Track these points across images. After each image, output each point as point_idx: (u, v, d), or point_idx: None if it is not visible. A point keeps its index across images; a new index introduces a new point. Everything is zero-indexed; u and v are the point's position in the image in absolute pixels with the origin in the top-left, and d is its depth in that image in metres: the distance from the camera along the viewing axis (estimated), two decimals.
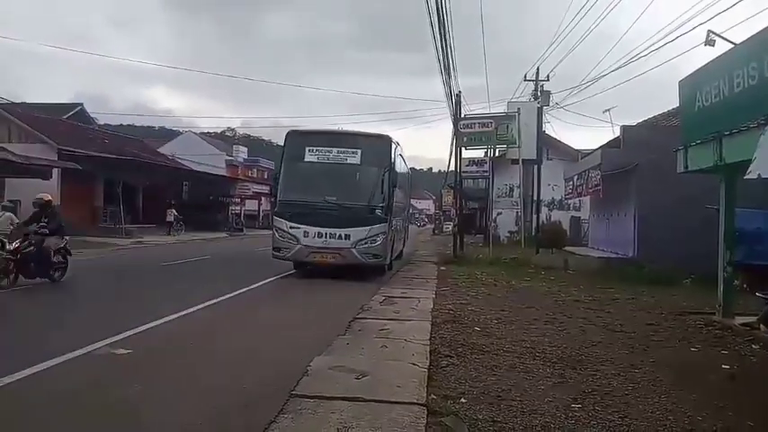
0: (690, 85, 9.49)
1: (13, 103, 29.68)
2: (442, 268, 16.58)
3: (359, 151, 13.30)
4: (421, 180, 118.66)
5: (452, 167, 23.44)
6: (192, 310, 8.58)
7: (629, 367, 6.16)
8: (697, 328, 8.58)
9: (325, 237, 12.74)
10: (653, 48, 18.75)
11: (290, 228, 12.97)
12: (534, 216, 22.88)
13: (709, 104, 8.76)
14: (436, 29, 15.17)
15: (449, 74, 18.60)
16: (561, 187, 25.87)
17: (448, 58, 17.63)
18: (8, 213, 14.77)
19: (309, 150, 13.32)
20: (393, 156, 13.67)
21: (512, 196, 24.74)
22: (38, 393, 4.69)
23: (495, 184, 29.96)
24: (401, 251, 18.90)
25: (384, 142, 13.72)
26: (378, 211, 12.95)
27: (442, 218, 51.33)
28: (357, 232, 12.74)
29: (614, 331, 8.11)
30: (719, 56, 8.80)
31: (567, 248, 21.69)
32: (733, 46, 8.82)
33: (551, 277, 14.94)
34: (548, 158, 29.93)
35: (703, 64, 9.11)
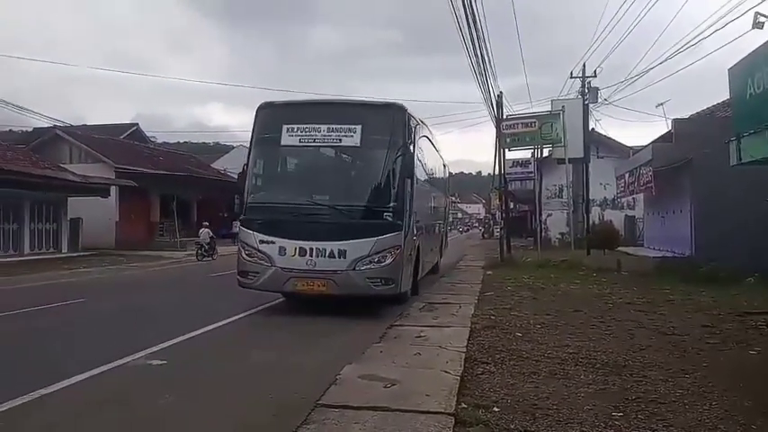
0: (740, 72, 8.97)
1: (72, 125, 31.20)
2: (488, 273, 16.26)
3: (358, 128, 8.97)
4: (470, 184, 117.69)
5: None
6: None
7: (679, 372, 5.81)
8: (758, 330, 8.05)
9: (311, 255, 8.58)
10: (702, 36, 17.93)
11: (261, 243, 8.80)
12: (586, 216, 22.17)
13: (761, 91, 8.26)
14: (465, 32, 14.50)
15: (485, 78, 18.19)
16: (613, 186, 25.08)
17: (483, 63, 17.19)
18: (206, 230, 24.22)
19: (288, 130, 9.08)
20: (411, 133, 9.43)
21: (561, 197, 24.05)
22: None
23: (544, 184, 29.26)
24: (436, 264, 15.22)
25: (395, 114, 9.27)
26: (387, 215, 8.70)
27: (491, 221, 50.55)
28: (357, 247, 8.56)
29: (665, 334, 7.70)
30: None
31: (620, 249, 20.94)
32: None
33: (603, 279, 14.40)
34: (598, 157, 29.13)
35: (754, 49, 8.61)
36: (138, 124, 42.67)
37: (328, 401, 4.47)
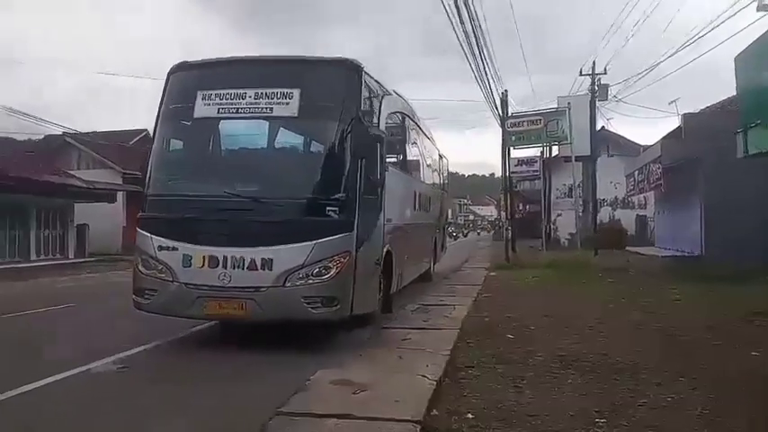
0: (747, 61, 8.62)
1: (80, 132, 31.40)
2: (492, 274, 15.92)
3: (296, 93, 6.65)
4: (483, 186, 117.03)
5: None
6: None
7: (674, 376, 5.48)
8: (764, 331, 7.66)
9: (225, 265, 6.29)
10: (712, 25, 17.38)
11: (159, 250, 6.53)
12: (594, 216, 21.75)
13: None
14: (461, 34, 14.06)
15: (486, 79, 17.79)
16: (624, 185, 24.61)
17: (484, 64, 16.80)
18: None
19: (204, 97, 6.84)
20: (373, 103, 7.24)
21: (571, 196, 23.61)
22: None
23: (554, 184, 28.88)
24: (426, 272, 12.80)
25: (348, 75, 6.87)
26: (332, 211, 6.37)
27: (500, 222, 50.09)
28: (288, 254, 6.26)
29: (666, 335, 7.36)
30: None
31: (629, 248, 20.52)
32: None
33: (609, 279, 14.00)
34: (608, 155, 28.65)
35: (760, 35, 8.25)
36: (147, 130, 42.75)
37: (291, 408, 4.22)
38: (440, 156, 14.55)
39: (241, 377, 5.45)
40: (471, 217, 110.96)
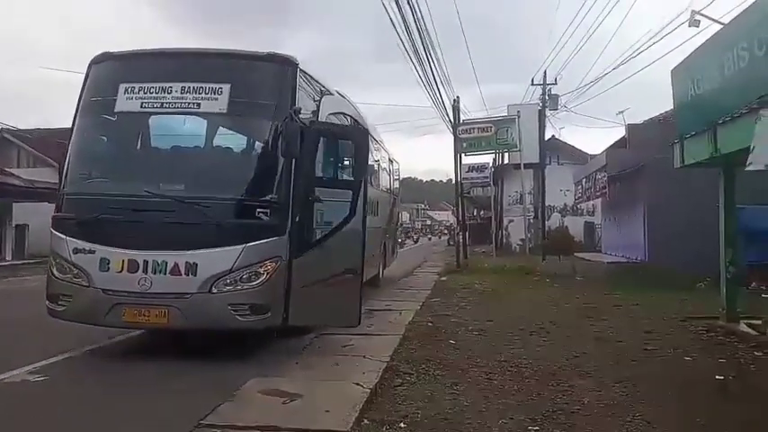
0: (682, 73, 8.84)
1: (21, 129, 30.00)
2: (443, 278, 15.96)
3: (226, 88, 6.26)
4: (440, 192, 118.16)
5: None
6: None
7: (610, 381, 5.54)
8: (698, 335, 7.88)
9: (145, 270, 5.86)
10: (652, 41, 18.06)
11: (75, 252, 6.04)
12: (543, 222, 22.14)
13: (701, 92, 8.12)
14: (405, 39, 13.95)
15: (434, 86, 17.83)
16: (573, 192, 25.16)
17: (432, 70, 16.81)
18: None
19: (127, 90, 6.37)
20: (304, 97, 6.60)
21: (522, 203, 24.04)
22: None
23: (506, 191, 29.31)
24: (375, 277, 12.53)
25: (282, 71, 6.51)
26: (263, 212, 6.05)
27: (455, 228, 50.60)
28: (214, 258, 5.89)
29: (605, 341, 7.45)
30: (709, 38, 8.19)
31: (577, 255, 20.88)
32: (722, 26, 8.19)
33: (555, 285, 14.22)
34: (558, 163, 29.26)
35: (694, 49, 8.50)
36: None
37: (214, 420, 4.03)
38: (390, 160, 14.41)
39: (167, 387, 5.15)
40: (429, 222, 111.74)
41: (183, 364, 5.85)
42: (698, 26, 8.81)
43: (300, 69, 6.57)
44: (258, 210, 6.05)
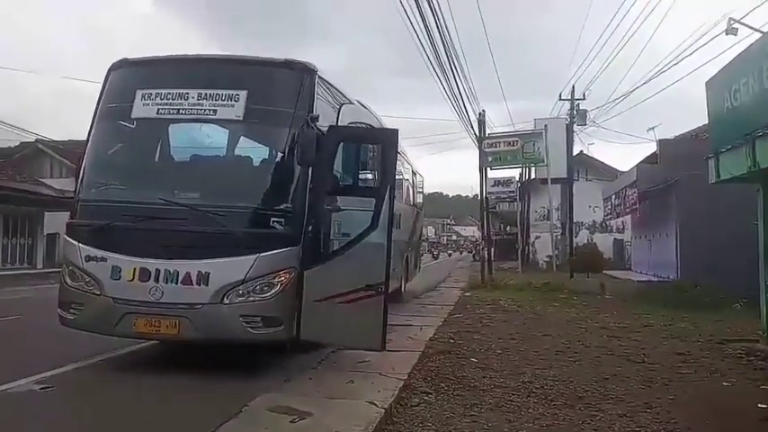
0: (717, 85, 8.50)
1: (53, 140, 30.69)
2: (467, 294, 15.63)
3: (242, 95, 6.14)
4: (467, 206, 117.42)
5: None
6: None
7: (641, 406, 5.21)
8: (736, 359, 7.44)
9: (157, 279, 5.73)
10: (685, 53, 17.51)
11: (87, 260, 5.94)
12: (570, 239, 21.65)
13: (738, 104, 7.77)
14: (430, 50, 13.73)
15: (460, 101, 17.60)
16: (602, 209, 24.63)
17: (457, 84, 16.59)
18: None
19: (144, 97, 6.29)
20: (322, 105, 6.35)
21: (549, 219, 23.59)
22: None
23: (532, 206, 28.84)
24: (397, 290, 12.00)
25: (300, 78, 6.33)
26: (276, 222, 5.91)
27: (481, 243, 50.03)
28: (226, 268, 5.74)
29: (635, 362, 7.09)
30: (746, 48, 7.85)
31: (606, 272, 20.35)
32: (761, 35, 7.83)
33: (583, 303, 13.78)
34: (587, 179, 28.75)
35: (731, 59, 8.16)
36: None
37: None
38: (413, 172, 14.24)
39: (173, 402, 5.00)
40: (454, 237, 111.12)
41: (194, 377, 5.68)
42: (735, 34, 8.46)
43: (319, 76, 6.41)
44: (272, 219, 5.90)
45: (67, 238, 6.27)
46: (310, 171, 5.91)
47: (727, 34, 8.59)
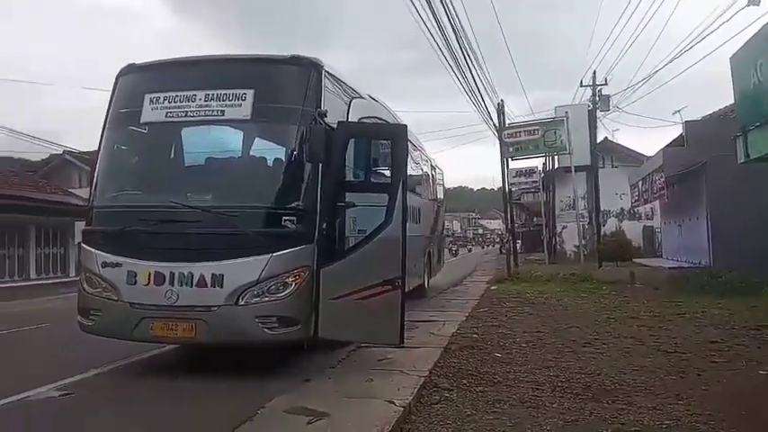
0: (742, 60, 8.20)
1: (81, 151, 31.31)
2: (492, 288, 15.42)
3: (249, 94, 6.08)
4: (491, 199, 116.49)
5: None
6: None
7: (672, 398, 5.01)
8: None
9: (171, 282, 5.71)
10: (707, 30, 16.74)
11: (103, 266, 5.97)
12: (597, 228, 21.21)
13: (765, 79, 7.50)
14: (443, 44, 13.54)
15: (476, 93, 17.36)
16: (630, 196, 24.07)
17: (473, 77, 16.35)
18: None
19: (152, 101, 6.27)
20: (330, 101, 6.27)
21: (575, 208, 23.15)
22: None
23: (558, 196, 28.32)
24: (420, 287, 12.17)
25: (306, 73, 6.24)
26: (289, 221, 5.80)
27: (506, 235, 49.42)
28: (240, 269, 5.68)
29: (666, 352, 6.85)
30: None
31: (636, 260, 19.89)
32: None
33: (612, 293, 13.46)
34: (612, 166, 28.16)
35: (756, 32, 7.83)
36: None
37: None
38: (432, 167, 14.10)
39: (191, 405, 4.99)
40: (480, 231, 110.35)
41: (213, 379, 5.70)
42: (758, 5, 8.11)
43: (326, 71, 6.32)
44: (284, 218, 5.80)
45: (84, 245, 6.34)
46: (321, 168, 5.84)
47: (749, 4, 8.22)
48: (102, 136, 6.62)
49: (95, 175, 6.70)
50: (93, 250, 6.10)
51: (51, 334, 8.77)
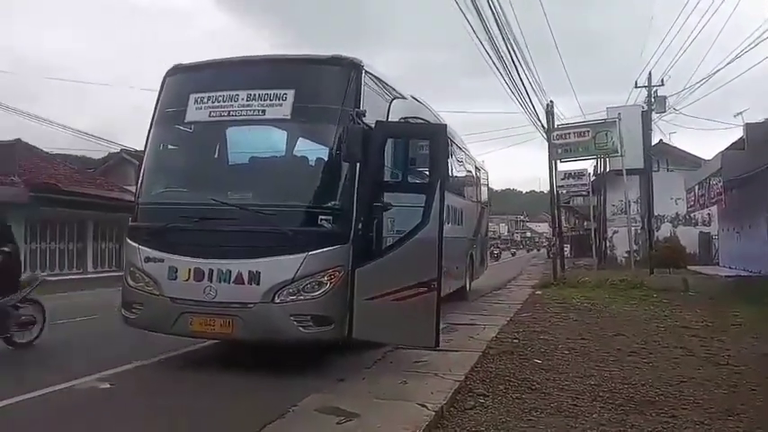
0: None
1: (137, 150, 32.43)
2: (537, 293, 15.08)
3: (290, 94, 6.19)
4: (540, 203, 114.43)
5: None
6: None
7: (722, 413, 4.75)
8: None
9: (210, 279, 5.82)
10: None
11: (146, 261, 6.14)
12: (649, 233, 20.47)
13: None
14: (489, 45, 13.29)
15: (524, 95, 17.01)
16: (685, 200, 23.15)
17: (519, 78, 16.04)
18: None
19: (197, 101, 6.46)
20: (370, 101, 6.30)
21: (627, 212, 22.40)
22: None
23: (609, 200, 27.48)
24: (461, 290, 12.06)
25: (346, 73, 6.33)
26: (325, 220, 5.87)
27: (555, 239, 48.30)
28: (276, 267, 5.75)
29: (718, 364, 6.52)
30: None
31: (691, 268, 19.10)
32: None
33: (663, 300, 12.93)
34: (667, 169, 27.17)
35: None
36: None
37: None
38: (476, 168, 13.93)
39: (228, 399, 5.08)
40: (528, 234, 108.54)
41: (249, 376, 5.79)
42: None
43: (366, 71, 6.37)
44: (320, 217, 5.88)
45: (128, 241, 6.50)
46: (358, 167, 5.88)
47: None
48: (148, 135, 6.82)
49: (141, 172, 6.92)
50: (137, 245, 6.27)
51: (99, 325, 9.08)
